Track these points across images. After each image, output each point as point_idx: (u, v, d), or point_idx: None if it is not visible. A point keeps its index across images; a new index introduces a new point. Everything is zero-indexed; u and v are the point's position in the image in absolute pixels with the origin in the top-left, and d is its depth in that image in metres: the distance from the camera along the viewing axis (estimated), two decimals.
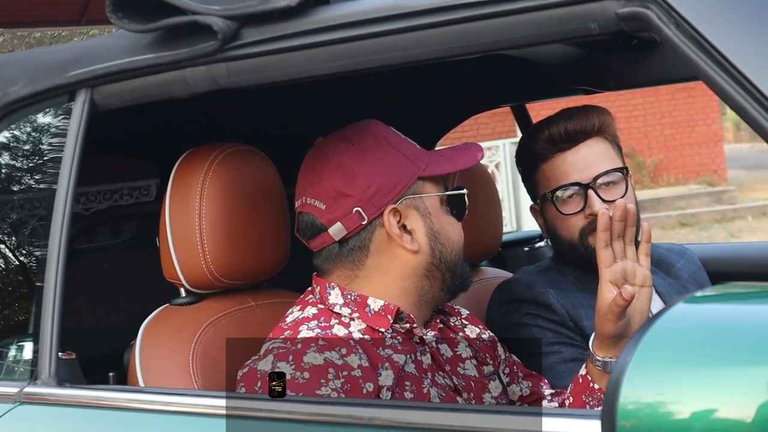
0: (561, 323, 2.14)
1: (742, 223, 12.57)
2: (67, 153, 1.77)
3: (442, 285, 1.83)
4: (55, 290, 1.72)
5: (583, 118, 2.17)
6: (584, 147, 2.16)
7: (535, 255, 3.15)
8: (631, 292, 1.74)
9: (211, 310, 1.94)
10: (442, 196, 1.83)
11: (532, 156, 2.22)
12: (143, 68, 1.72)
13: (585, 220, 2.14)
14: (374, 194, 1.76)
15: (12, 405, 1.73)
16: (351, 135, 1.82)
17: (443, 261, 1.81)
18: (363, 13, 1.51)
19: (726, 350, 0.95)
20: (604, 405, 1.01)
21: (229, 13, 1.60)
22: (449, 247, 1.82)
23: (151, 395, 1.65)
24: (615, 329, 1.79)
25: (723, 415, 0.93)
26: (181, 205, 1.91)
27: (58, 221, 1.74)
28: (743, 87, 1.20)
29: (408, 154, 1.81)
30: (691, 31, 1.24)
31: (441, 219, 1.82)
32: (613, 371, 1.00)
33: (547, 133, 2.18)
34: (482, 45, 1.44)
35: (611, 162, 2.16)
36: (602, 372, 1.84)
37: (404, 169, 1.79)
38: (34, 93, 1.87)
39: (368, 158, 1.77)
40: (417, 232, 1.79)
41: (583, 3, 1.33)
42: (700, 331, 0.96)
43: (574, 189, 2.15)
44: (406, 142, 1.84)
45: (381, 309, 1.77)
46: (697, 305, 0.99)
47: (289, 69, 1.59)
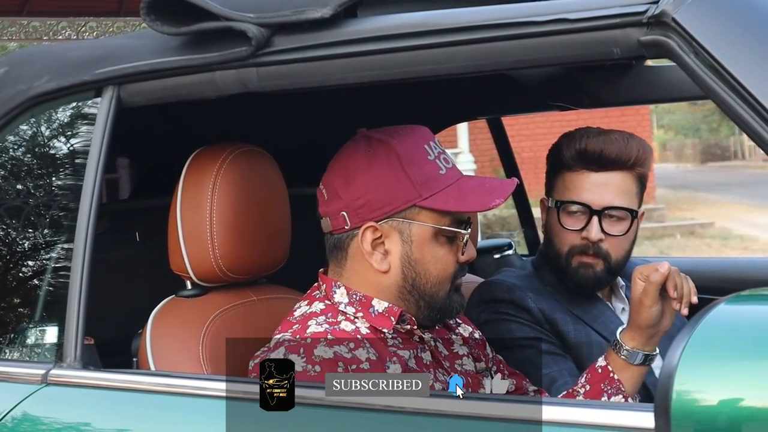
0: (538, 324, 2.21)
1: (671, 241, 12.90)
2: (95, 146, 1.85)
3: (416, 311, 1.87)
4: (82, 277, 1.79)
5: (623, 148, 2.18)
6: (611, 175, 2.18)
7: (504, 262, 3.27)
8: (668, 267, 1.84)
9: (216, 302, 2.03)
10: (436, 228, 1.84)
11: (560, 160, 2.25)
12: (173, 69, 1.80)
13: (579, 240, 2.20)
14: (361, 206, 1.82)
15: (38, 386, 1.80)
16: (376, 141, 1.85)
17: (416, 288, 1.85)
18: (394, 27, 1.61)
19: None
20: (658, 398, 1.12)
21: (263, 20, 1.69)
22: (425, 278, 1.85)
23: (176, 380, 1.73)
24: (650, 316, 1.88)
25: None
26: (193, 200, 1.98)
27: (85, 212, 1.82)
28: (758, 113, 1.32)
29: (416, 178, 1.82)
30: (710, 59, 1.35)
31: (425, 250, 1.84)
32: (664, 365, 1.11)
33: (582, 147, 2.19)
34: (507, 63, 1.56)
35: (627, 200, 2.19)
36: (626, 363, 1.94)
37: (402, 192, 1.82)
38: (61, 88, 1.94)
39: (371, 171, 1.82)
40: (392, 254, 1.84)
41: (608, 29, 1.43)
42: (747, 328, 1.08)
43: (583, 209, 2.19)
44: (421, 164, 1.84)
45: (385, 310, 1.84)
46: (738, 305, 1.12)
47: (319, 77, 1.68)
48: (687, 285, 1.90)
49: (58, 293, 1.92)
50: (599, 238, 2.18)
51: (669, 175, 26.96)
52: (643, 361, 1.96)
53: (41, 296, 1.99)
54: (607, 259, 2.20)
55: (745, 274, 2.96)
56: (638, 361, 1.96)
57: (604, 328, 2.18)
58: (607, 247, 2.20)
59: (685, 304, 1.89)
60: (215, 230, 1.97)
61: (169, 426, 1.71)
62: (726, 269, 3.15)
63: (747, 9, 1.37)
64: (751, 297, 1.16)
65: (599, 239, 2.18)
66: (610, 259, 2.21)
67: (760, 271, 2.95)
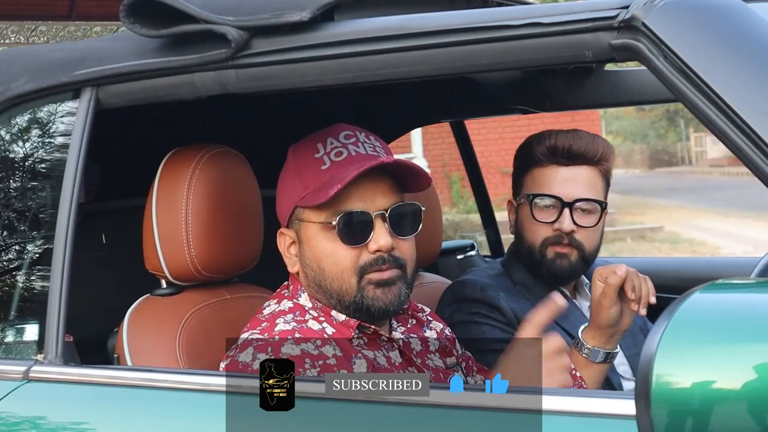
0: (510, 325, 2.27)
1: (621, 245, 13.06)
2: (73, 147, 1.87)
3: (341, 309, 1.86)
4: (62, 275, 1.82)
5: (590, 143, 2.30)
6: (579, 169, 2.29)
7: (467, 263, 3.32)
8: (625, 269, 1.91)
9: (191, 301, 2.06)
10: (323, 223, 1.83)
11: (529, 157, 2.35)
12: (153, 71, 1.83)
13: (552, 232, 2.29)
14: (279, 214, 1.93)
15: (20, 383, 1.83)
16: (295, 150, 1.93)
17: (321, 287, 1.86)
18: (371, 30, 1.65)
19: (747, 330, 1.14)
20: (638, 382, 1.18)
21: (242, 23, 1.73)
22: (321, 275, 1.85)
23: (156, 374, 1.76)
24: (609, 317, 1.96)
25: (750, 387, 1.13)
26: (169, 200, 2.01)
27: (65, 211, 1.85)
28: (725, 113, 1.37)
29: (306, 180, 1.85)
30: (678, 62, 1.40)
31: (314, 246, 1.85)
32: (644, 351, 1.17)
33: (552, 143, 2.30)
34: (482, 66, 1.60)
35: (596, 193, 2.30)
36: (587, 360, 2.00)
37: (291, 195, 1.88)
38: (39, 89, 1.97)
39: (282, 180, 1.92)
40: (296, 256, 1.91)
41: (580, 33, 1.48)
42: (719, 315, 1.15)
43: (555, 202, 2.28)
44: (310, 164, 1.85)
45: (344, 321, 1.87)
46: (712, 294, 1.18)
47: (297, 79, 1.72)
48: (645, 286, 1.97)
49: (38, 291, 1.94)
50: (571, 229, 2.26)
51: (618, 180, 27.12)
52: (605, 359, 2.03)
53: (22, 294, 2.01)
54: (581, 248, 2.29)
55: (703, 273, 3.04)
56: (599, 359, 2.02)
57: (573, 328, 2.25)
58: (580, 237, 2.28)
59: (643, 305, 1.96)
60: (190, 230, 2.00)
61: (150, 420, 1.73)
62: (680, 268, 3.26)
63: (714, 14, 1.43)
64: (723, 286, 1.22)
65: (571, 230, 2.27)
66: (584, 249, 2.30)
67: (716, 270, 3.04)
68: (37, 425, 1.78)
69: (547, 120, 16.06)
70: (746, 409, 1.16)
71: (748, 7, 1.44)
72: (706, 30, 1.41)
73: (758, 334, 1.14)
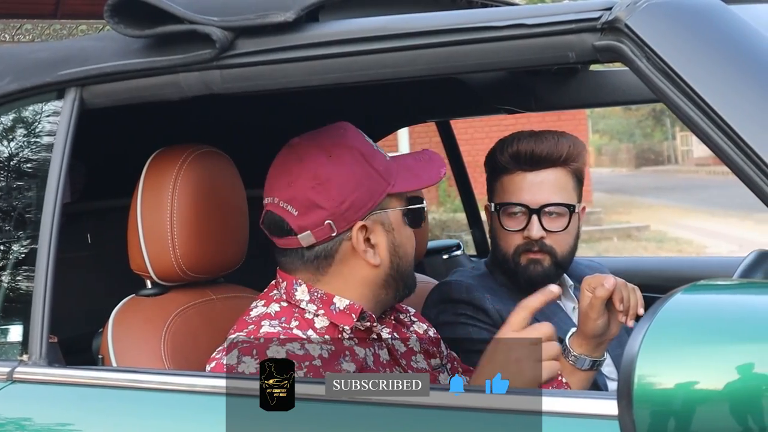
0: (495, 326, 2.24)
1: (608, 244, 13.11)
2: (58, 147, 1.87)
3: (395, 294, 1.94)
4: (47, 276, 1.82)
5: (553, 145, 2.27)
6: (545, 173, 2.27)
7: (453, 263, 3.33)
8: (613, 282, 1.90)
9: (176, 301, 2.06)
10: (404, 210, 1.91)
11: (496, 165, 2.34)
12: (137, 71, 1.83)
13: (522, 239, 2.28)
14: (347, 210, 1.83)
15: (4, 384, 1.82)
16: (329, 144, 1.87)
17: (399, 273, 1.91)
18: (356, 31, 1.66)
19: (729, 330, 1.15)
20: (620, 382, 1.19)
21: (227, 24, 1.73)
22: (406, 260, 1.93)
23: (141, 375, 1.76)
24: (596, 327, 1.95)
25: (732, 387, 1.14)
26: (154, 201, 2.01)
27: (49, 211, 1.84)
28: (706, 114, 1.38)
29: (380, 169, 1.88)
30: (660, 63, 1.41)
31: (401, 233, 1.91)
32: (626, 352, 1.18)
33: (514, 149, 2.28)
34: (467, 67, 1.61)
35: (564, 195, 2.27)
36: (573, 367, 2.00)
37: (375, 185, 1.86)
38: (23, 89, 1.96)
39: (344, 173, 1.84)
40: (380, 246, 1.88)
41: (564, 34, 1.48)
42: (701, 316, 1.16)
43: (521, 209, 2.27)
44: (377, 155, 1.90)
45: (346, 308, 1.86)
46: (694, 295, 1.19)
47: (282, 79, 1.72)
48: (634, 297, 1.97)
49: (22, 292, 1.94)
50: (540, 235, 2.26)
51: (604, 180, 27.30)
52: (591, 366, 2.03)
53: (6, 295, 2.00)
54: (553, 254, 2.29)
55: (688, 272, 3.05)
56: (586, 366, 2.02)
57: (558, 330, 2.25)
58: (551, 242, 2.28)
59: (631, 316, 1.96)
60: (176, 230, 2.00)
61: (135, 421, 1.73)
62: (665, 268, 3.27)
63: (697, 16, 1.43)
64: (705, 287, 1.23)
65: (540, 237, 2.26)
66: (556, 253, 2.29)
67: (701, 269, 3.05)
68: (21, 426, 1.77)
69: (534, 119, 16.14)
70: (728, 409, 1.17)
71: (730, 9, 1.45)
72: (689, 32, 1.42)
73: (740, 334, 1.15)
